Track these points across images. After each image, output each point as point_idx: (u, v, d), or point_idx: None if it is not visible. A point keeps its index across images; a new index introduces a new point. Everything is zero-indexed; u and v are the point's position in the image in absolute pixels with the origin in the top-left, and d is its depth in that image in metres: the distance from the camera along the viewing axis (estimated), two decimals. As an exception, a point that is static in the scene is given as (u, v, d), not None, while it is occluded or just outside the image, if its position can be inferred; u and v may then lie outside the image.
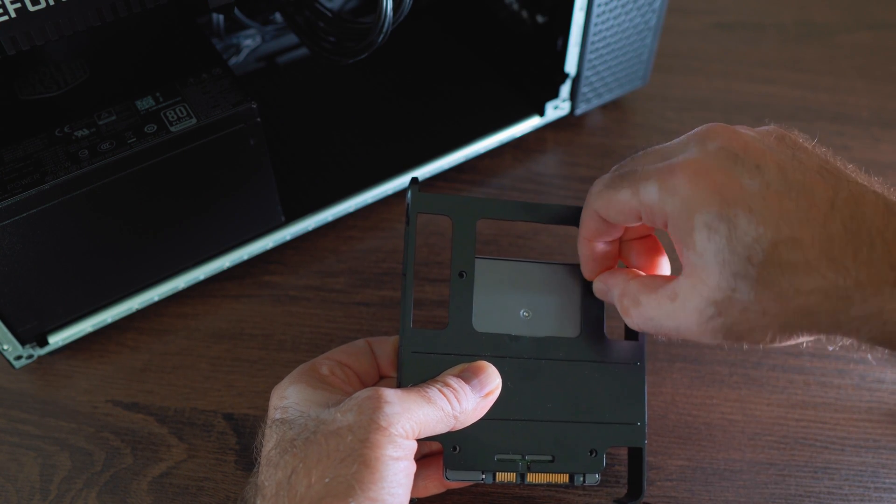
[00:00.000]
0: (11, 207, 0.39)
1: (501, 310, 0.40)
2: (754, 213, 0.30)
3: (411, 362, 0.38)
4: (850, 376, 0.48)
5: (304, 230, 0.53)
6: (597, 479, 0.39)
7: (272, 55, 0.61)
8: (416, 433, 0.34)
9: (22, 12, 0.33)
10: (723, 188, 0.30)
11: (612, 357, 0.41)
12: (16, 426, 0.46)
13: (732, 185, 0.30)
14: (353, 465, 0.31)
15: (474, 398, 0.36)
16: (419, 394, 0.35)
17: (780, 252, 0.29)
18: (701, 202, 0.31)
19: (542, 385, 0.39)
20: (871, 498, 0.43)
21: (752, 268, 0.29)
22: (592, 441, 0.39)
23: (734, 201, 0.30)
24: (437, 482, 0.40)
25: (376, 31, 0.43)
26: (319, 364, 0.39)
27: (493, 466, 0.38)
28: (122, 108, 0.43)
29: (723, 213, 0.30)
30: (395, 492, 0.32)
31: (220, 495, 0.43)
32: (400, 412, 0.33)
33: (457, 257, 0.40)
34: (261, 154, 0.46)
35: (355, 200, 0.54)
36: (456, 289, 0.40)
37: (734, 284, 0.30)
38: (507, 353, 0.39)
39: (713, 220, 0.30)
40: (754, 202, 0.30)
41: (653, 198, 0.33)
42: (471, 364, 0.38)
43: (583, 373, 0.40)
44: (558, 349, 0.40)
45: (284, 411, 0.35)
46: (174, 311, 0.51)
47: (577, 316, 0.41)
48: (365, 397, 0.34)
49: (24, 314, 0.44)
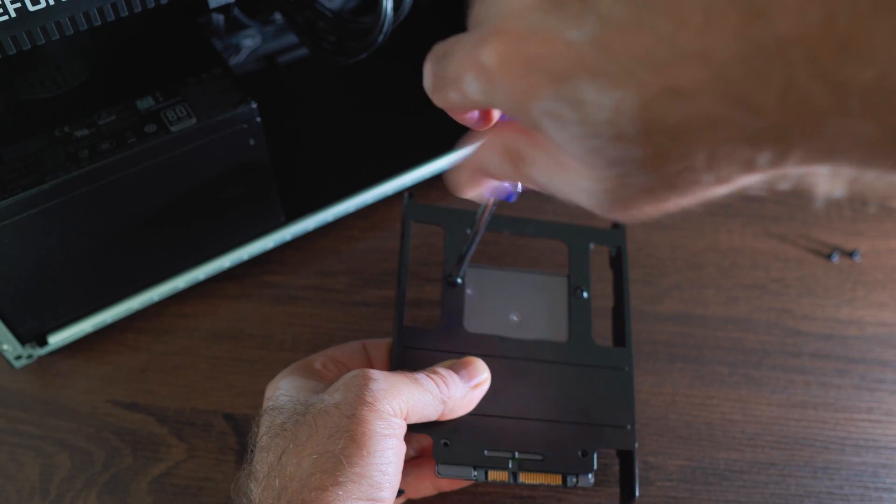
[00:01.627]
0: (11, 207, 0.39)
1: (492, 314, 0.41)
2: (599, 74, 0.20)
3: (403, 357, 0.39)
4: (850, 376, 0.48)
5: (304, 230, 0.53)
6: (590, 481, 0.39)
7: (272, 55, 0.61)
8: (405, 413, 0.34)
9: (22, 12, 0.33)
10: (545, 59, 0.21)
11: (601, 362, 0.41)
12: (16, 426, 0.46)
13: (556, 50, 0.21)
14: (340, 441, 0.31)
15: (463, 387, 0.37)
16: (406, 375, 0.35)
17: (658, 113, 0.20)
18: (528, 89, 0.22)
19: (532, 385, 0.40)
20: (871, 498, 0.43)
21: (630, 145, 0.21)
22: (582, 442, 0.39)
23: (567, 70, 0.21)
24: (430, 482, 0.41)
25: (377, 30, 0.43)
26: (313, 360, 0.39)
27: (484, 462, 0.38)
28: (122, 108, 0.43)
29: (559, 92, 0.21)
30: (385, 469, 0.32)
31: (220, 495, 0.43)
32: (387, 388, 0.33)
33: (449, 264, 0.42)
34: (261, 154, 0.46)
35: (355, 200, 0.54)
36: (448, 294, 0.41)
37: (619, 171, 0.22)
38: (496, 352, 0.40)
39: (551, 106, 0.21)
40: (594, 60, 0.20)
41: (478, 96, 0.24)
42: (460, 359, 0.38)
43: (572, 375, 0.41)
44: (547, 352, 0.41)
45: (275, 400, 0.36)
46: (174, 311, 0.51)
47: (565, 322, 0.42)
48: (352, 376, 0.34)
49: (24, 314, 0.44)
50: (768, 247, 0.55)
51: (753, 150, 0.20)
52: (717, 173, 0.21)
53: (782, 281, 0.53)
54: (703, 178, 0.21)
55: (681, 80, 0.19)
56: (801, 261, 0.54)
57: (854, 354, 0.49)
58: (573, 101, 0.21)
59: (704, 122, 0.19)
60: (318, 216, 0.53)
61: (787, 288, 0.53)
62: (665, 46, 0.19)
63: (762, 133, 0.19)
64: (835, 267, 0.54)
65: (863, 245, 0.55)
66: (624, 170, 0.22)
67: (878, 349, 0.50)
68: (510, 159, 0.27)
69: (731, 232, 0.55)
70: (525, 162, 0.26)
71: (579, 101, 0.21)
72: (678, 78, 0.19)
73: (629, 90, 0.20)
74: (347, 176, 0.55)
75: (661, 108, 0.19)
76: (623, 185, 0.22)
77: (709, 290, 0.52)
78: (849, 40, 0.17)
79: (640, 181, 0.22)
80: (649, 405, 0.47)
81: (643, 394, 0.47)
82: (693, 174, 0.21)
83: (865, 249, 0.55)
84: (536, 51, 0.21)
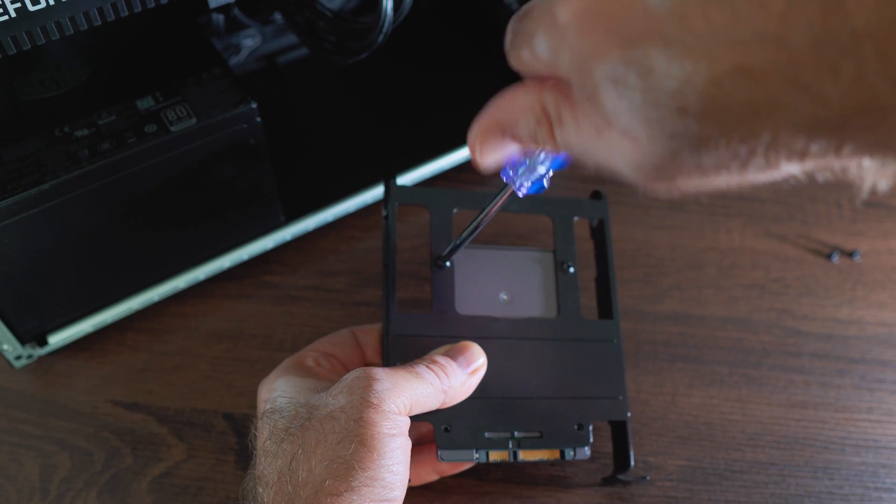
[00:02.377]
0: (11, 207, 0.39)
1: (481, 294, 0.42)
2: (672, 43, 0.20)
3: (397, 345, 0.39)
4: (850, 376, 0.48)
5: (304, 230, 0.53)
6: (587, 453, 0.40)
7: (272, 55, 0.61)
8: (408, 409, 0.34)
9: (22, 12, 0.33)
10: (620, 21, 0.21)
11: (590, 335, 0.42)
12: (16, 426, 0.46)
13: (632, 14, 0.20)
14: (350, 446, 0.31)
15: (462, 374, 0.37)
16: (407, 370, 0.35)
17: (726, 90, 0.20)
18: (596, 49, 0.21)
19: (525, 364, 0.40)
20: (871, 498, 0.43)
21: (691, 121, 0.20)
22: (578, 416, 0.40)
23: (640, 36, 0.20)
24: (431, 468, 0.41)
25: (377, 30, 0.43)
26: (304, 356, 0.39)
27: (485, 444, 0.38)
28: (122, 108, 0.43)
29: (628, 56, 0.21)
30: (395, 469, 0.32)
31: (220, 495, 0.43)
32: (390, 388, 0.33)
33: (436, 246, 0.42)
34: (261, 154, 0.46)
35: (355, 200, 0.54)
36: (437, 276, 0.41)
37: (673, 147, 0.21)
38: (489, 334, 0.40)
39: (617, 71, 0.21)
40: (669, 28, 0.20)
41: (546, 55, 0.24)
42: (456, 344, 0.38)
43: (563, 351, 0.41)
44: (538, 329, 0.41)
45: (273, 402, 0.36)
46: (174, 311, 0.51)
47: (554, 298, 0.43)
48: (354, 377, 0.34)
49: (24, 314, 0.44)
50: (768, 247, 0.55)
51: (811, 138, 0.20)
52: (770, 158, 0.21)
53: (782, 281, 0.53)
54: (755, 162, 0.21)
55: (753, 61, 0.19)
56: (801, 261, 0.54)
57: (854, 354, 0.49)
58: (641, 67, 0.20)
59: (770, 106, 0.19)
60: (318, 216, 0.53)
61: (787, 288, 0.53)
62: (743, 25, 0.19)
63: (823, 122, 0.19)
64: (835, 267, 0.54)
65: (863, 245, 0.55)
66: (679, 145, 0.21)
67: (878, 349, 0.50)
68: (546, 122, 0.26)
69: (731, 232, 0.55)
70: (563, 125, 0.25)
71: (648, 68, 0.20)
72: (751, 58, 0.19)
73: (701, 63, 0.19)
74: (347, 176, 0.55)
75: (729, 86, 0.19)
76: (674, 160, 0.22)
77: (709, 290, 0.52)
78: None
79: (692, 158, 0.21)
80: (649, 405, 0.47)
81: (643, 394, 0.47)
82: (747, 156, 0.21)
83: (865, 249, 0.55)
84: (613, 11, 0.21)
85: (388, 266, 0.41)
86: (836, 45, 0.18)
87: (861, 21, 0.17)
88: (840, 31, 0.18)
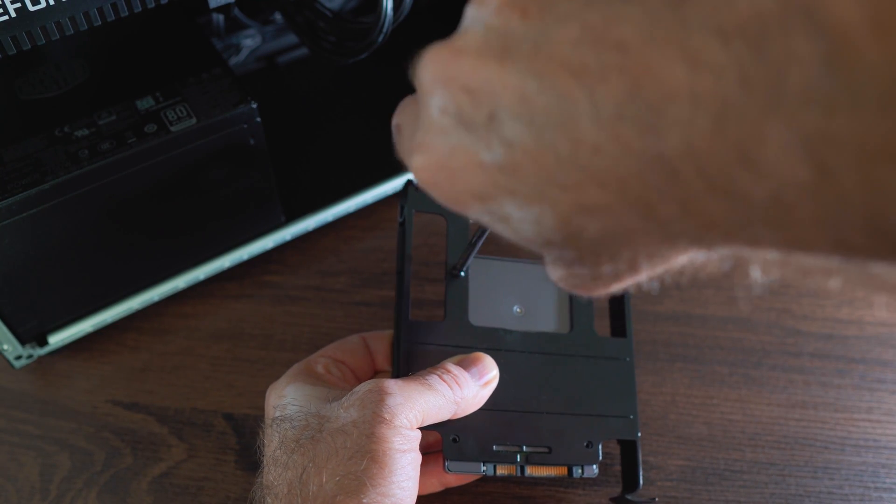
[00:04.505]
0: (11, 207, 0.39)
1: (495, 306, 0.41)
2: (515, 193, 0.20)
3: (408, 354, 0.38)
4: (850, 376, 0.48)
5: (304, 230, 0.53)
6: (595, 471, 0.39)
7: (272, 55, 0.61)
8: (420, 421, 0.34)
9: (22, 12, 0.33)
10: (466, 178, 0.20)
11: (603, 353, 0.42)
12: (16, 426, 0.46)
13: (473, 169, 0.20)
14: (362, 462, 0.31)
15: (474, 385, 0.37)
16: (419, 382, 0.35)
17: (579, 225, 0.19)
18: (458, 202, 0.22)
19: (536, 378, 0.40)
20: (871, 498, 0.43)
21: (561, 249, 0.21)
22: (587, 433, 0.40)
23: (487, 192, 0.20)
24: (436, 479, 0.40)
25: (377, 30, 0.43)
26: (314, 362, 0.39)
27: (493, 457, 0.38)
28: (122, 108, 0.43)
29: (485, 208, 0.21)
30: (405, 485, 0.32)
31: (220, 495, 0.43)
32: (402, 402, 0.33)
33: (452, 255, 0.41)
34: (261, 154, 0.46)
35: (355, 200, 0.54)
36: (451, 285, 0.41)
37: (562, 267, 0.23)
38: (501, 346, 0.40)
39: (483, 218, 0.22)
40: (507, 182, 0.20)
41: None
42: (468, 354, 0.38)
43: (575, 367, 0.41)
44: (550, 344, 0.41)
45: (283, 409, 0.35)
46: (174, 311, 0.51)
47: (568, 313, 0.42)
48: (366, 391, 0.34)
49: (24, 314, 0.44)
50: (768, 247, 0.55)
51: (675, 248, 0.20)
52: (655, 263, 0.21)
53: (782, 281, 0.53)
54: (642, 265, 0.21)
55: (588, 198, 0.18)
56: (801, 261, 0.54)
57: (854, 354, 0.49)
58: (499, 217, 0.21)
59: (621, 230, 0.19)
60: (318, 216, 0.53)
61: (787, 288, 0.53)
62: (567, 167, 0.18)
63: (678, 236, 0.18)
64: (835, 267, 0.54)
65: (863, 245, 0.55)
66: (565, 265, 0.22)
67: (878, 349, 0.50)
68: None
69: (731, 232, 0.55)
70: None
71: (504, 217, 0.21)
72: (585, 196, 0.18)
73: (545, 207, 0.19)
74: (347, 176, 0.55)
75: (578, 221, 0.19)
76: (571, 275, 0.23)
77: (709, 289, 0.52)
78: (741, 151, 0.15)
79: (584, 272, 0.22)
80: (649, 405, 0.47)
81: (643, 394, 0.47)
82: (631, 264, 0.21)
83: (865, 249, 0.54)
84: (457, 168, 0.20)
85: (401, 273, 0.40)
86: (655, 171, 0.17)
87: (673, 141, 0.16)
88: (656, 155, 0.16)
